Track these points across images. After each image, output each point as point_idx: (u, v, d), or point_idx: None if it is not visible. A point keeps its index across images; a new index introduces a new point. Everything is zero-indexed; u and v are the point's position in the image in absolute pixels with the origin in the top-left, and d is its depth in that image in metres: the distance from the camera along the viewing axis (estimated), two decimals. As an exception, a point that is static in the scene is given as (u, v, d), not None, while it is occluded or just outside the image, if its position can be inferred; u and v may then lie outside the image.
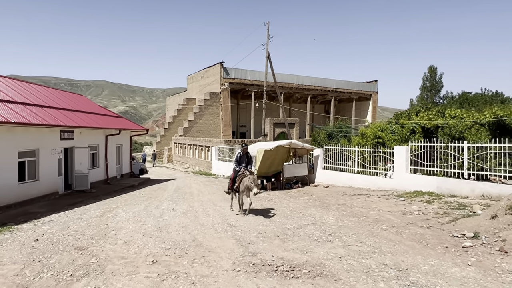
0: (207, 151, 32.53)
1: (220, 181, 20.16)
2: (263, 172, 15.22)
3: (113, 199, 13.82)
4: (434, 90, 26.92)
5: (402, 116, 17.31)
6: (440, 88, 27.10)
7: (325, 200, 12.25)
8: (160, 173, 30.64)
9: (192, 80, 49.87)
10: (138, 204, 12.14)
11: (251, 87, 42.95)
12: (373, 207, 10.36)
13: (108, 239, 6.82)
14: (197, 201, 12.32)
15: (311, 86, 48.23)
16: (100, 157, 18.25)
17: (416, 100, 27.78)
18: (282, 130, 32.92)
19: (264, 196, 13.40)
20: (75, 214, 10.48)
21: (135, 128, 21.47)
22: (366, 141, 14.63)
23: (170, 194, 14.93)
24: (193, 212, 9.89)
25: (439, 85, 27.04)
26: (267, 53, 23.73)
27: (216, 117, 42.25)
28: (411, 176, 12.78)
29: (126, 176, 21.58)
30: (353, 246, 6.03)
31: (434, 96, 26.65)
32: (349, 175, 15.23)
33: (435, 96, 26.67)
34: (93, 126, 16.22)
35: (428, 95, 26.82)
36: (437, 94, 26.92)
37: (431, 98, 26.35)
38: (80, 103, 18.97)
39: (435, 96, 26.58)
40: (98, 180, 17.91)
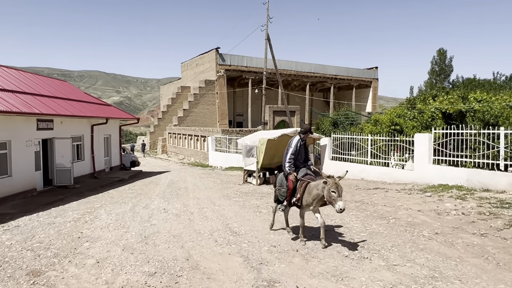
0: (203, 141, 30.92)
1: (218, 174, 18.63)
2: (266, 164, 13.69)
3: (98, 196, 12.25)
4: (443, 74, 25.39)
5: (416, 101, 15.76)
6: (450, 72, 25.58)
7: (339, 196, 10.73)
8: (153, 165, 29.02)
9: (186, 67, 47.87)
10: (125, 202, 10.57)
11: (248, 74, 41.12)
12: (397, 205, 8.88)
13: (77, 257, 5.27)
14: (193, 199, 10.77)
15: (310, 73, 46.47)
16: (85, 149, 16.59)
17: (424, 85, 26.28)
18: (282, 118, 31.33)
19: (268, 192, 11.88)
20: (49, 216, 8.89)
21: (124, 117, 19.76)
22: (381, 129, 13.09)
23: (163, 189, 13.38)
24: (187, 214, 8.35)
25: (449, 69, 25.52)
26: (266, 34, 21.97)
27: (212, 106, 40.50)
28: (434, 168, 11.29)
29: (116, 169, 19.95)
30: (400, 266, 4.53)
31: (443, 80, 25.18)
32: (361, 166, 13.73)
33: (445, 80, 25.20)
34: (76, 114, 14.52)
35: (437, 80, 25.34)
36: (446, 79, 25.43)
37: (440, 83, 24.86)
38: (62, 89, 17.21)
39: (445, 81, 25.12)
40: (83, 174, 16.29)
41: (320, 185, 5.43)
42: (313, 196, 5.55)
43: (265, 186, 13.32)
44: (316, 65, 47.53)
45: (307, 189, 5.69)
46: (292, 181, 5.86)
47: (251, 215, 7.99)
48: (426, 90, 25.00)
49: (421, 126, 12.39)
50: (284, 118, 30.86)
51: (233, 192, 11.93)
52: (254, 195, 11.16)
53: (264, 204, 9.41)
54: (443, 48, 25.19)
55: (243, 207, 9.02)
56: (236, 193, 11.75)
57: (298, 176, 5.93)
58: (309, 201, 5.64)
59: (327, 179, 5.26)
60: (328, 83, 48.95)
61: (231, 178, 16.29)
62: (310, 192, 5.61)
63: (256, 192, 11.85)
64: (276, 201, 6.50)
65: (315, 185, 5.59)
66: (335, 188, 5.12)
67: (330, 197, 5.14)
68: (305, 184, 5.75)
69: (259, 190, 12.47)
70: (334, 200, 5.10)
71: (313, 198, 5.56)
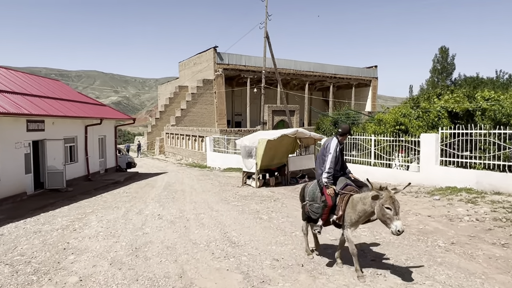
0: (201, 142, 30.40)
1: (216, 175, 18.12)
2: (265, 165, 13.20)
3: (91, 200, 11.73)
4: (445, 72, 24.94)
5: (420, 99, 15.29)
6: (452, 70, 25.14)
7: (342, 199, 10.26)
8: (150, 166, 28.49)
9: (184, 66, 47.32)
10: (118, 207, 10.06)
11: (246, 73, 40.60)
12: (405, 209, 8.40)
13: (58, 273, 4.76)
14: (189, 203, 10.27)
15: (309, 72, 45.97)
16: (79, 150, 16.05)
17: (426, 83, 25.82)
18: (282, 118, 30.85)
19: (268, 195, 11.39)
20: (36, 223, 8.38)
21: (120, 118, 19.23)
22: (384, 129, 12.61)
23: (159, 192, 12.87)
24: (183, 221, 7.84)
25: (451, 67, 25.07)
26: (265, 32, 21.47)
27: (210, 106, 39.97)
28: (442, 169, 10.81)
29: (111, 170, 19.42)
30: (419, 285, 4.05)
31: (445, 79, 24.72)
32: (365, 167, 13.25)
33: (447, 79, 24.74)
34: (68, 115, 13.98)
35: (439, 78, 24.89)
36: (448, 77, 24.98)
37: (442, 81, 24.42)
38: (54, 89, 16.67)
39: (447, 79, 24.66)
40: (77, 176, 15.76)
41: (367, 198, 4.33)
42: (359, 213, 4.43)
43: (265, 189, 12.82)
44: (315, 64, 47.06)
45: (349, 203, 4.55)
46: (331, 196, 4.69)
47: (251, 222, 7.49)
48: (428, 88, 24.56)
49: (427, 126, 11.91)
50: (284, 118, 30.40)
51: (231, 196, 11.44)
52: (253, 199, 10.66)
53: (264, 209, 8.91)
54: (445, 46, 24.79)
55: (242, 213, 8.53)
56: (235, 196, 11.26)
57: (337, 188, 4.75)
58: (354, 218, 4.50)
59: (380, 191, 4.15)
60: (327, 82, 48.49)
61: (229, 180, 15.79)
62: (355, 207, 4.47)
63: (256, 195, 11.36)
64: (307, 219, 5.31)
65: (360, 199, 4.45)
66: (391, 203, 4.05)
67: (384, 215, 4.06)
68: (347, 198, 4.59)
69: (258, 193, 11.97)
70: (389, 219, 4.02)
71: (359, 215, 4.45)
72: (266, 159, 12.97)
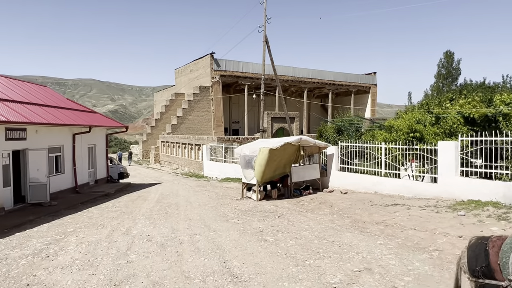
0: (198, 150, 29.32)
1: (213, 186, 17.03)
2: (268, 177, 12.13)
3: (75, 217, 10.60)
4: (450, 77, 24.14)
5: (431, 104, 14.35)
6: (458, 75, 24.36)
7: (354, 214, 9.21)
8: (144, 176, 27.34)
9: (180, 73, 46.43)
10: (103, 225, 8.95)
11: (244, 79, 39.73)
12: (430, 228, 7.36)
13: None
14: (184, 220, 9.17)
15: (307, 79, 45.20)
16: (65, 161, 14.93)
17: (430, 89, 25.03)
18: (281, 125, 29.86)
19: (271, 209, 10.32)
20: (6, 247, 7.26)
21: (111, 125, 18.15)
22: (396, 136, 11.62)
23: (151, 206, 11.77)
24: (175, 244, 6.75)
25: (457, 72, 24.29)
26: (264, 36, 20.58)
27: (207, 113, 38.97)
28: (463, 181, 9.80)
29: (101, 181, 18.28)
30: None
31: (451, 84, 23.90)
32: (375, 178, 12.23)
33: (452, 84, 23.92)
34: (53, 122, 12.90)
35: (444, 84, 24.07)
36: (454, 82, 24.16)
37: (447, 87, 23.60)
38: (39, 95, 15.60)
39: (452, 85, 23.83)
40: (63, 188, 14.62)
41: None
42: None
43: (266, 202, 11.76)
44: (313, 71, 46.32)
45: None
46: None
47: (255, 246, 6.42)
48: (433, 94, 23.73)
49: (444, 133, 10.95)
50: (283, 125, 29.42)
51: (230, 210, 10.35)
52: (255, 215, 9.59)
53: (269, 228, 7.83)
54: (450, 50, 24.05)
55: (244, 233, 7.45)
56: (234, 211, 10.17)
57: None
58: None
59: None
60: (326, 89, 47.73)
61: (228, 192, 14.71)
62: None
63: (257, 210, 10.29)
64: None
65: None
66: None
67: None
68: None
69: (260, 207, 10.90)
70: None
71: None
72: (269, 170, 11.90)
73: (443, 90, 22.93)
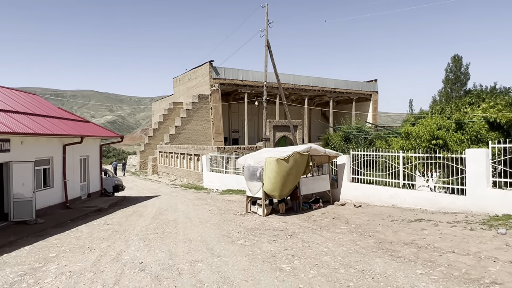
0: (197, 160, 28.24)
1: (214, 199, 15.92)
2: (283, 194, 10.98)
3: (61, 237, 9.49)
4: (459, 83, 23.27)
5: (448, 109, 13.38)
6: (466, 80, 23.48)
7: (376, 233, 8.13)
8: (141, 188, 26.18)
9: (178, 82, 45.58)
10: (91, 248, 7.84)
11: (244, 88, 38.86)
12: (473, 250, 6.28)
13: None
14: (183, 241, 8.07)
15: (308, 87, 44.41)
16: (55, 174, 13.84)
17: (438, 95, 24.13)
18: (284, 133, 28.86)
19: (280, 227, 9.23)
20: (-27, 278, 6.13)
21: (105, 135, 17.09)
22: (415, 143, 10.59)
23: (146, 224, 10.65)
24: (173, 275, 5.66)
25: (465, 77, 23.42)
26: (266, 41, 19.70)
27: (206, 122, 37.97)
28: (496, 193, 8.76)
29: (95, 195, 17.14)
30: None
31: (459, 89, 23.03)
32: (392, 190, 11.17)
33: (461, 89, 23.04)
34: (40, 132, 11.85)
35: (453, 89, 23.19)
36: (463, 88, 23.29)
37: (456, 92, 22.74)
38: (27, 103, 14.56)
39: (461, 90, 22.96)
40: (52, 204, 13.51)
41: None
42: None
43: (274, 217, 10.67)
44: (314, 78, 45.56)
45: None
46: None
47: (269, 278, 5.33)
48: (441, 100, 22.83)
49: (470, 140, 9.95)
50: (286, 134, 28.40)
51: (235, 228, 9.25)
52: (264, 234, 8.49)
53: (282, 252, 6.74)
54: (458, 55, 23.17)
55: (254, 259, 6.35)
56: (239, 230, 9.07)
57: None
58: None
59: None
60: (327, 96, 46.90)
61: (230, 205, 13.62)
62: None
63: (265, 228, 9.19)
64: None
65: None
66: None
67: None
68: None
69: (268, 223, 9.81)
70: None
71: None
72: (278, 184, 10.72)
73: (452, 96, 22.00)
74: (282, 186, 10.65)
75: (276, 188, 10.59)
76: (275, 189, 10.59)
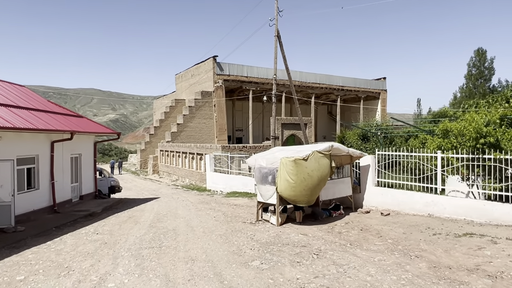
0: (200, 160, 26.71)
1: (218, 202, 14.37)
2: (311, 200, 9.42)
3: (40, 250, 7.98)
4: (482, 78, 21.60)
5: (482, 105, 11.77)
6: (491, 75, 21.79)
7: (422, 251, 6.56)
8: (141, 189, 24.68)
9: (181, 79, 44.05)
10: (70, 269, 6.31)
11: (248, 84, 37.25)
12: None
13: None
14: (184, 261, 6.52)
15: (315, 84, 42.75)
16: (41, 174, 12.34)
17: (459, 91, 22.46)
18: (292, 132, 27.27)
19: (301, 241, 7.66)
20: None
21: (100, 132, 15.55)
22: (456, 142, 9.00)
23: (141, 234, 9.12)
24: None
25: (490, 72, 21.74)
26: (276, 30, 18.13)
27: (209, 120, 36.43)
28: None
29: (88, 197, 15.63)
30: None
31: (483, 86, 21.38)
32: (428, 196, 9.57)
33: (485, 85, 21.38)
34: (21, 127, 10.32)
35: (476, 85, 21.53)
36: (487, 83, 21.64)
37: (481, 88, 21.09)
38: (11, 94, 13.03)
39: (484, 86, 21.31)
40: (38, 208, 12.01)
41: None
42: None
43: (291, 227, 9.12)
44: (321, 75, 43.93)
45: None
46: None
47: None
48: (463, 96, 21.20)
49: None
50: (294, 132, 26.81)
51: (247, 242, 7.70)
52: (283, 251, 6.93)
53: (312, 281, 5.16)
54: (482, 48, 21.45)
55: (277, 292, 4.79)
56: (252, 244, 7.52)
57: None
58: None
59: None
60: (334, 94, 45.25)
61: (237, 211, 12.08)
62: None
63: (283, 242, 7.63)
64: None
65: None
66: None
67: None
68: None
69: (284, 236, 8.25)
70: None
71: None
72: (298, 188, 9.12)
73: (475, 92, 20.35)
74: (309, 191, 9.07)
75: (298, 190, 9.00)
76: (296, 191, 9.00)
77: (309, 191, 9.24)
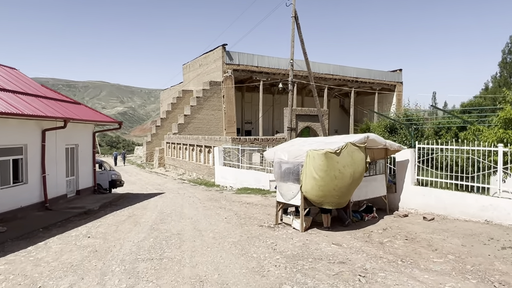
0: (208, 153, 25.24)
1: (229, 200, 12.88)
2: (342, 202, 7.89)
3: (15, 259, 6.56)
4: (518, 65, 19.76)
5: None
6: (528, 62, 19.91)
7: (503, 275, 4.96)
8: (145, 183, 23.32)
9: (188, 69, 42.50)
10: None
11: (259, 75, 35.54)
12: None
13: None
14: (189, 283, 5.02)
15: (328, 75, 40.87)
16: (30, 166, 10.93)
17: (491, 81, 20.57)
18: (307, 123, 25.61)
19: (335, 254, 6.08)
20: None
21: (98, 120, 14.06)
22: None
23: (140, 239, 7.64)
24: None
25: (526, 58, 19.87)
26: (293, 11, 16.41)
27: (218, 111, 34.86)
28: None
29: (85, 192, 14.23)
30: None
31: (520, 74, 19.55)
32: (485, 199, 7.92)
33: (522, 74, 19.55)
34: (4, 111, 8.85)
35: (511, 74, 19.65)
36: (525, 71, 19.78)
37: (515, 77, 19.26)
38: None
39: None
40: (26, 204, 10.63)
41: None
42: None
43: (319, 234, 7.57)
44: (335, 66, 41.98)
45: None
46: None
47: None
48: (496, 86, 19.32)
49: None
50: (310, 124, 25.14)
51: (268, 255, 6.16)
52: (317, 270, 5.37)
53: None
54: (519, 33, 19.63)
55: None
56: (275, 259, 5.96)
57: None
58: None
59: None
60: (347, 86, 43.28)
61: (251, 211, 10.57)
62: None
63: (314, 255, 6.07)
64: None
65: None
66: None
67: None
68: None
69: (313, 246, 6.69)
70: None
71: None
72: (328, 189, 7.53)
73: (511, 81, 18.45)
74: (340, 191, 7.51)
75: (330, 194, 7.45)
76: (328, 195, 7.45)
77: (340, 191, 7.65)
